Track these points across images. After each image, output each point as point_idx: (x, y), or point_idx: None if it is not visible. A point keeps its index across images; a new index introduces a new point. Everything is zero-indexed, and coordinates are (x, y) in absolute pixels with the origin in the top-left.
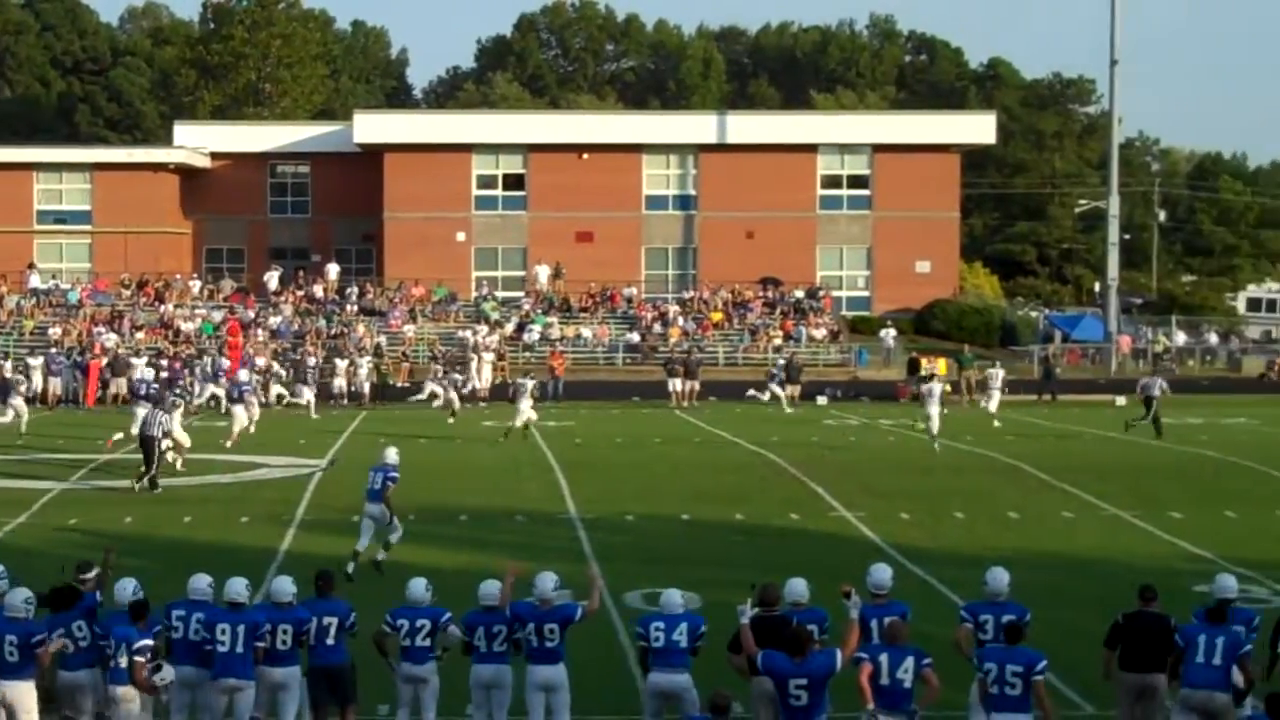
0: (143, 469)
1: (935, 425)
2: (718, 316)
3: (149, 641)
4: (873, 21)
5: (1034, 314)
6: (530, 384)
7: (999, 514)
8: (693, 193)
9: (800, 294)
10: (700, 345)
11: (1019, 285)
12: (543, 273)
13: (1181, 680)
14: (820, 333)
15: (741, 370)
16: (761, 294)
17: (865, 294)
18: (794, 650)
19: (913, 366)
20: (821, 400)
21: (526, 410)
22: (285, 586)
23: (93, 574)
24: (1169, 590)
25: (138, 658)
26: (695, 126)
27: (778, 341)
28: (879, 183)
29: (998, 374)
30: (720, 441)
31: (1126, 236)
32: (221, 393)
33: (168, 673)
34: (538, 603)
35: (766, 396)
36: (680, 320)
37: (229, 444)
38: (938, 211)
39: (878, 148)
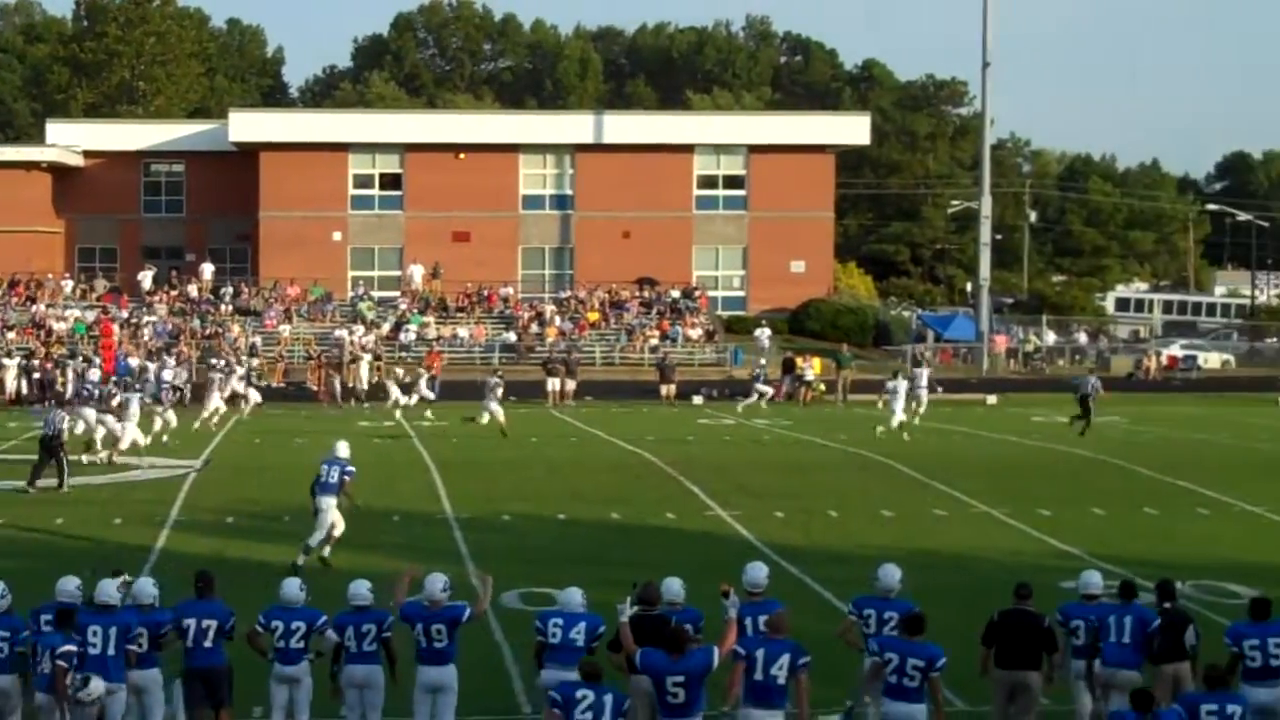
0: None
1: (898, 419)
2: (594, 316)
3: (72, 648)
4: (748, 23)
5: (907, 314)
6: (496, 381)
7: (872, 512)
8: (569, 193)
9: (676, 294)
10: (577, 345)
11: (893, 285)
12: (419, 273)
13: (1101, 659)
14: (696, 332)
15: (618, 370)
16: (638, 294)
17: (741, 294)
18: (672, 648)
19: (787, 366)
20: (697, 400)
21: (496, 409)
22: (147, 588)
23: None
24: (1038, 587)
25: (60, 663)
26: (572, 127)
27: (654, 341)
28: (754, 183)
29: (923, 373)
30: (597, 441)
31: (998, 237)
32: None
33: (96, 686)
34: (426, 603)
35: (755, 398)
36: (557, 320)
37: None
38: (812, 212)
39: (753, 148)
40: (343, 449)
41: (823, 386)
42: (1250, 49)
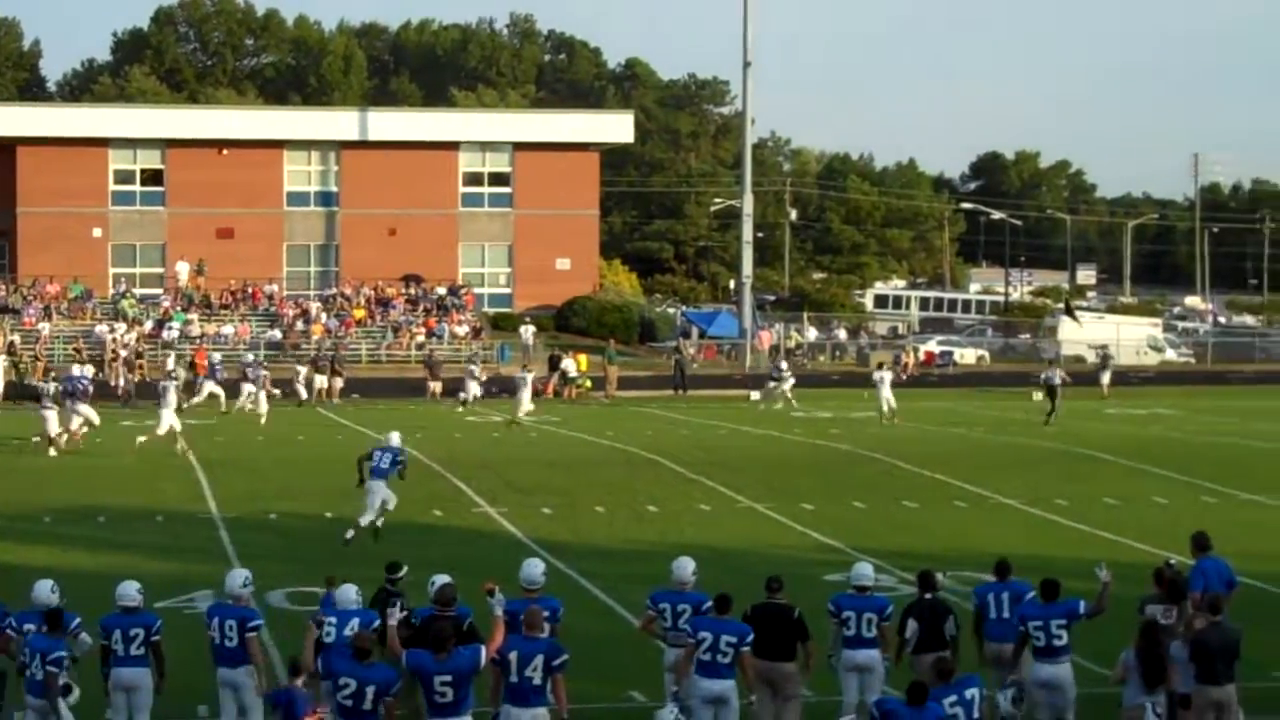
0: None
1: (889, 405)
2: (360, 314)
3: (63, 653)
4: (513, 21)
5: (671, 310)
6: (530, 376)
7: (638, 507)
8: (334, 189)
9: (442, 291)
10: (343, 342)
11: (657, 282)
12: (183, 270)
13: (984, 635)
14: (462, 330)
15: (385, 367)
16: (404, 291)
17: (507, 291)
18: (437, 648)
19: (553, 363)
20: (464, 396)
21: (526, 402)
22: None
23: None
24: (802, 580)
25: (51, 668)
26: (337, 123)
27: (420, 339)
28: (519, 180)
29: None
30: (364, 439)
31: (760, 235)
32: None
33: (74, 696)
34: (230, 602)
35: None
36: (323, 317)
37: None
38: (577, 209)
39: (518, 146)
40: (395, 438)
41: (589, 383)
42: (1004, 51)
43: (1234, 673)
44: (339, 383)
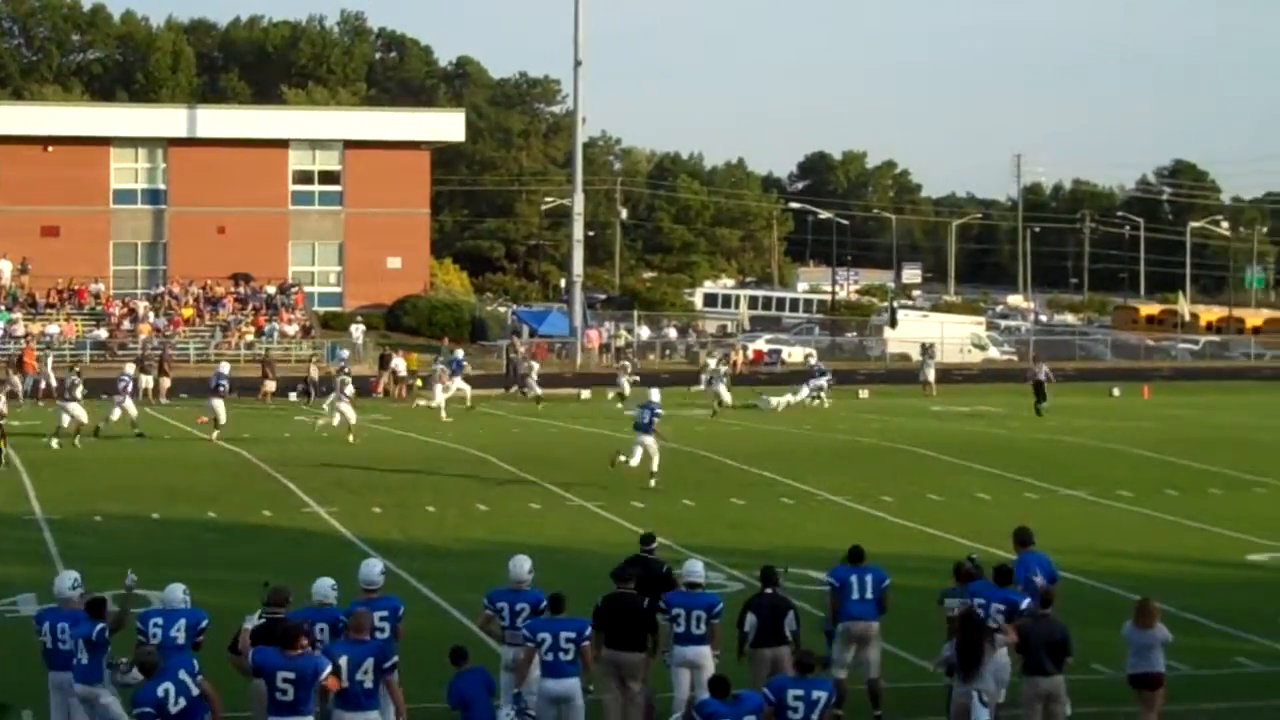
0: None
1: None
2: (189, 313)
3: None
4: (343, 18)
5: (503, 309)
6: (345, 379)
7: (468, 506)
8: (162, 187)
9: (272, 290)
10: (171, 341)
11: (488, 281)
12: (6, 268)
13: (841, 615)
14: (292, 329)
15: (214, 366)
16: (233, 290)
17: (337, 290)
18: (285, 645)
19: (384, 362)
20: (293, 396)
21: (347, 410)
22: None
23: None
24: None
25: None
26: (165, 120)
27: (250, 338)
28: (350, 179)
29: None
30: (193, 438)
31: (590, 234)
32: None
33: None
34: (59, 605)
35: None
36: (151, 316)
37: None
38: (408, 208)
39: (349, 144)
40: (655, 394)
41: (419, 381)
42: (831, 52)
43: (1063, 665)
44: (166, 382)
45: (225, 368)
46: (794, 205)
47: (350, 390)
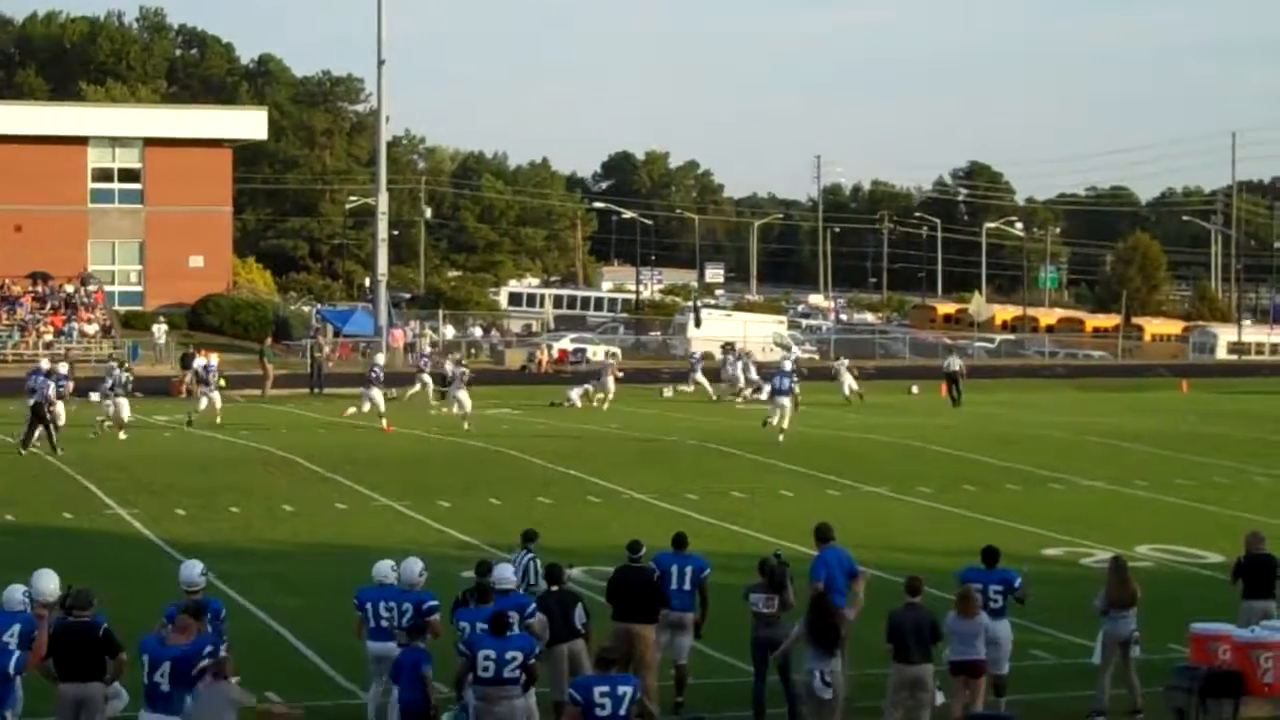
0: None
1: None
2: None
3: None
4: (142, 14)
5: (307, 308)
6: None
7: (274, 507)
8: None
9: (71, 289)
10: None
11: (292, 280)
12: None
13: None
14: (92, 328)
15: (11, 367)
16: (31, 289)
17: (138, 288)
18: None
19: (185, 361)
20: (94, 396)
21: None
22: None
23: None
24: (439, 576)
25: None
26: None
27: (49, 337)
28: (151, 177)
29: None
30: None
31: (395, 233)
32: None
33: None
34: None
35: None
36: None
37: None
38: (210, 206)
39: (149, 141)
40: (788, 364)
41: (224, 380)
42: (634, 52)
43: (929, 652)
44: None
45: (45, 364)
46: (598, 205)
47: (466, 376)
